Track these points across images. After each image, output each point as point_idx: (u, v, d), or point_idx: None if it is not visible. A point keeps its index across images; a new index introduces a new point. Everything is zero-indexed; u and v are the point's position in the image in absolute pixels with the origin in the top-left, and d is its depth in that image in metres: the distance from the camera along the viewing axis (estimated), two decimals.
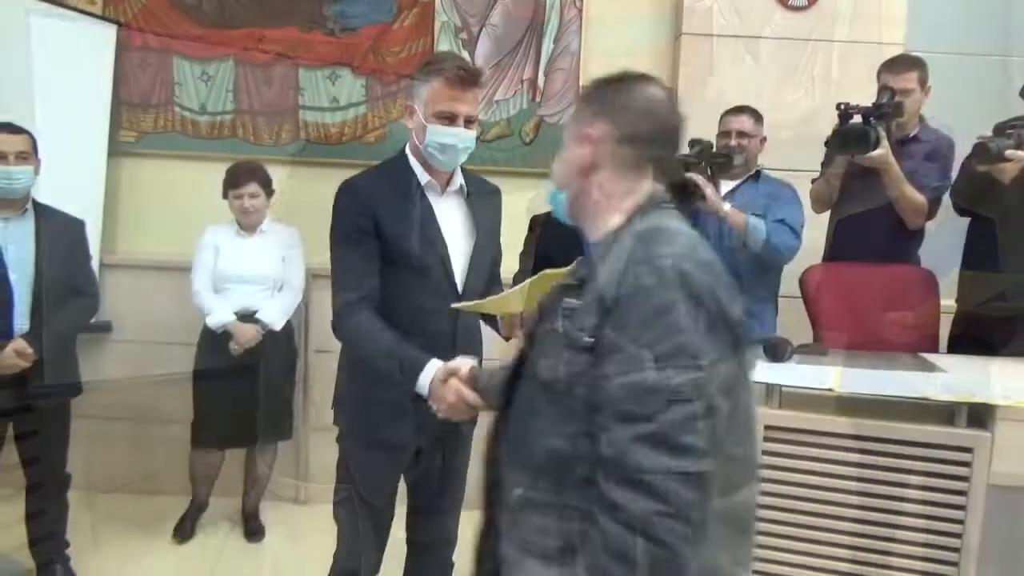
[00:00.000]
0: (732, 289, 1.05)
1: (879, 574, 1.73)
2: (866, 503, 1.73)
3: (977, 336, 2.50)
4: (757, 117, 2.79)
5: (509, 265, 2.52)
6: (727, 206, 2.61)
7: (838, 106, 2.56)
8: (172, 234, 3.41)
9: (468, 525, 2.78)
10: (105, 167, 3.50)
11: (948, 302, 2.67)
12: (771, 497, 1.78)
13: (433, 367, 1.67)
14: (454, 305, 1.78)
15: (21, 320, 2.48)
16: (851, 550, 1.75)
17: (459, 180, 1.94)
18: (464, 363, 1.62)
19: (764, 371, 1.87)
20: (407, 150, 1.91)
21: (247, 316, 3.01)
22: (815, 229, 2.80)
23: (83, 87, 3.40)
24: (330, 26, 3.53)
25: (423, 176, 1.87)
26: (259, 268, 3.08)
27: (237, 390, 3.00)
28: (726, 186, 2.75)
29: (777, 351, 2.00)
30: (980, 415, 1.70)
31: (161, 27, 3.56)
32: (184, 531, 3.17)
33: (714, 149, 2.74)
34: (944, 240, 2.71)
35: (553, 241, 2.49)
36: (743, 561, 1.10)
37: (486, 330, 2.00)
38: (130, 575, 2.86)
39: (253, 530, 3.20)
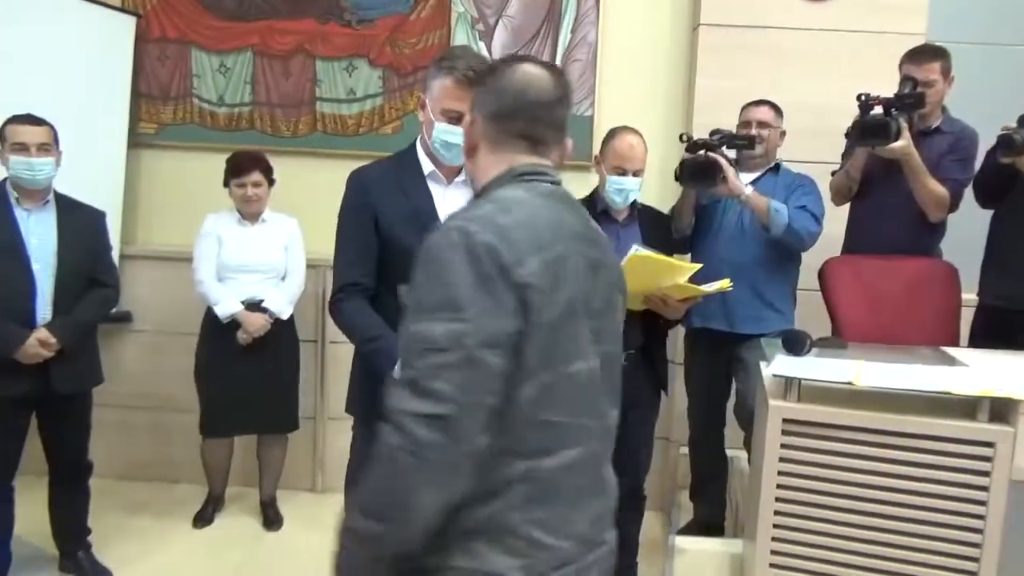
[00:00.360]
0: (529, 253, 1.07)
1: (898, 569, 1.72)
2: (885, 498, 1.72)
3: (999, 330, 2.47)
4: (777, 110, 2.78)
5: None
6: (749, 189, 2.59)
7: (858, 97, 2.53)
8: (191, 225, 3.43)
9: None
10: (125, 158, 3.54)
11: (970, 296, 2.64)
12: (789, 491, 1.77)
13: None
14: None
15: (44, 310, 2.51)
16: (869, 544, 1.74)
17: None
18: None
19: (783, 364, 1.86)
20: (417, 141, 1.94)
21: (253, 305, 3.04)
22: (835, 222, 2.78)
23: (103, 79, 3.43)
24: (347, 17, 3.54)
25: (427, 166, 1.90)
26: (264, 257, 3.10)
27: (241, 378, 3.03)
28: (746, 178, 2.73)
29: (796, 344, 1.99)
30: (1002, 410, 1.68)
31: (180, 19, 3.58)
32: (204, 519, 3.21)
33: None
34: (967, 233, 2.68)
35: None
36: (553, 526, 1.12)
37: None
38: (151, 562, 2.90)
39: (271, 519, 3.24)
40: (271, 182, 3.12)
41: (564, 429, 1.13)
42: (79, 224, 2.62)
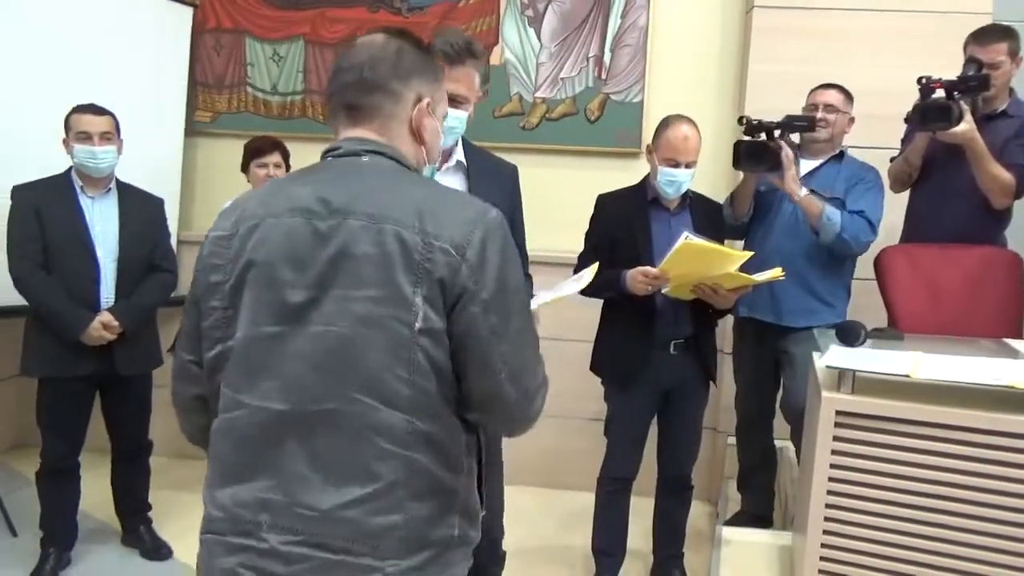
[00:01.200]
0: (213, 230, 1.19)
1: (954, 566, 1.68)
2: (941, 493, 1.67)
3: None
4: (847, 95, 2.68)
5: (573, 245, 2.52)
6: (804, 191, 2.52)
7: (919, 80, 2.45)
8: None
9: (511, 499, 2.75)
10: (182, 147, 3.63)
11: None
12: (841, 484, 1.74)
13: None
14: None
15: (107, 294, 2.60)
16: (924, 540, 1.70)
17: (457, 156, 1.93)
18: None
19: (837, 355, 1.83)
20: None
21: None
22: (893, 211, 2.70)
23: (162, 68, 3.52)
24: (397, 5, 3.56)
25: None
26: None
27: None
28: (808, 164, 2.66)
29: (851, 335, 1.94)
30: None
31: (234, 8, 3.65)
32: None
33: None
34: None
35: (615, 218, 2.46)
36: (208, 487, 1.18)
37: None
38: None
39: None
40: (288, 166, 3.16)
41: (222, 396, 1.16)
42: (139, 211, 2.71)
